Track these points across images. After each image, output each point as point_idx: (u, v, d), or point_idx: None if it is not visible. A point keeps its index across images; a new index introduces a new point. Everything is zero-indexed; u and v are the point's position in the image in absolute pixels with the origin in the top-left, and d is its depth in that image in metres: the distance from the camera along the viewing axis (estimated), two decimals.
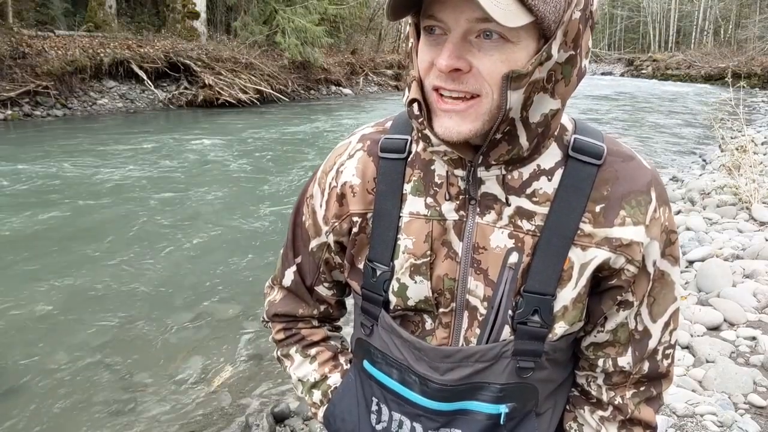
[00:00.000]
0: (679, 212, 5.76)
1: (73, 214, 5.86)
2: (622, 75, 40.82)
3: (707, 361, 2.89)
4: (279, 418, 2.83)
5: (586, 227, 0.77)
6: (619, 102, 19.74)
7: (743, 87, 7.74)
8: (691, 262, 4.27)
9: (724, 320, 3.31)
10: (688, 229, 5.07)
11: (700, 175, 7.96)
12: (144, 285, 4.30)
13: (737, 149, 6.58)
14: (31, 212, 5.81)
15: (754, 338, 3.11)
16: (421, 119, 0.73)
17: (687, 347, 3.05)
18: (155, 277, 4.46)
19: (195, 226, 5.70)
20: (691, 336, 3.15)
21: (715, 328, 3.26)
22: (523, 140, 0.72)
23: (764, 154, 8.43)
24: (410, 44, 0.75)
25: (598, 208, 0.77)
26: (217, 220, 5.92)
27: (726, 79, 9.60)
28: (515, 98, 0.67)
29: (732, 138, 8.22)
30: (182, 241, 5.26)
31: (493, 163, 0.75)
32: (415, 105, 0.73)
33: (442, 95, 0.70)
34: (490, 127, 0.70)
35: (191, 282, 4.40)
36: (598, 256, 0.77)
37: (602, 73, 41.01)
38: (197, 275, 4.54)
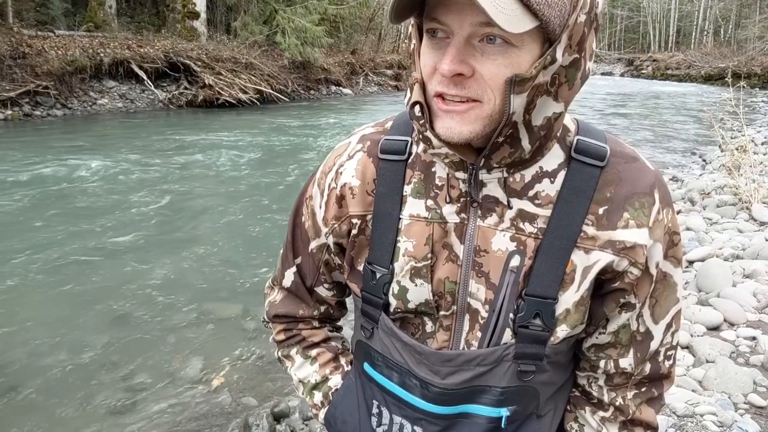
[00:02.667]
0: (679, 212, 5.76)
1: (72, 215, 5.85)
2: (622, 75, 40.75)
3: (707, 361, 2.89)
4: (279, 418, 2.83)
5: (589, 230, 0.76)
6: (618, 102, 19.73)
7: (743, 87, 7.72)
8: (691, 262, 4.27)
9: (724, 320, 3.31)
10: (688, 229, 5.07)
11: (700, 175, 7.96)
12: (144, 285, 4.30)
13: (737, 149, 6.58)
14: (29, 212, 5.80)
15: (754, 338, 3.11)
16: (423, 121, 0.72)
17: (687, 347, 3.05)
18: (155, 277, 4.46)
19: (195, 226, 5.70)
20: (691, 336, 3.15)
21: (715, 328, 3.26)
22: (526, 143, 0.72)
23: (764, 154, 8.42)
24: (412, 45, 0.74)
25: (601, 211, 0.76)
26: (216, 220, 5.92)
27: (726, 79, 9.59)
28: (518, 102, 0.66)
29: (732, 138, 8.20)
30: (182, 241, 5.26)
31: (495, 165, 0.74)
32: (417, 107, 0.72)
33: (443, 98, 0.69)
34: (491, 130, 0.69)
35: (191, 282, 4.40)
36: (602, 259, 0.76)
37: (602, 74, 40.92)
38: (197, 275, 4.54)
